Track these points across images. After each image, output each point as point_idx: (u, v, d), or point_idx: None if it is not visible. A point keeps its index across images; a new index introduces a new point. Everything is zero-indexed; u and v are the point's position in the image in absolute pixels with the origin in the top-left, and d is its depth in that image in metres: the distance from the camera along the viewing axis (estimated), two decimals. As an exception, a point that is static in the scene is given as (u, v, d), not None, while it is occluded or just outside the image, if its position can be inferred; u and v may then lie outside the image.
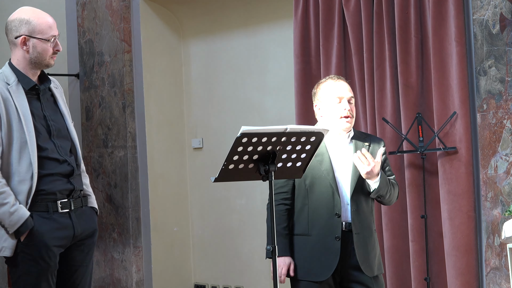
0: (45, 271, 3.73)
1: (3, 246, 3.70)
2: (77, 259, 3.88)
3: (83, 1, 7.60)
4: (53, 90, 3.92)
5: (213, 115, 7.44)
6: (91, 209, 3.96)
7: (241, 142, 3.44)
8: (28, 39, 3.78)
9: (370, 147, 4.17)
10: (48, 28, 3.77)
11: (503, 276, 5.18)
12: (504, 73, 5.18)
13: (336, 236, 4.02)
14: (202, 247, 7.56)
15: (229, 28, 7.36)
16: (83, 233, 3.86)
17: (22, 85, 3.76)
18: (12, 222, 3.63)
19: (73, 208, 3.81)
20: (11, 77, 3.76)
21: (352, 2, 5.88)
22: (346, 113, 4.10)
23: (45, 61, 3.80)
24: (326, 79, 4.23)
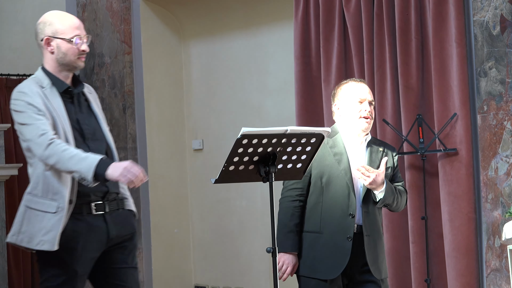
0: (72, 276, 3.69)
1: (41, 239, 3.64)
2: (119, 260, 3.82)
3: (84, 3, 7.61)
4: (86, 94, 3.90)
5: (213, 117, 7.44)
6: (129, 211, 3.90)
7: (241, 143, 3.44)
8: (51, 39, 3.77)
9: (384, 153, 4.18)
10: (71, 28, 3.75)
11: (503, 277, 5.18)
12: (505, 74, 5.18)
13: (348, 236, 4.02)
14: (202, 248, 7.56)
15: (229, 30, 7.36)
16: (119, 236, 3.80)
17: (56, 88, 3.75)
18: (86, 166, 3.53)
19: (108, 211, 3.76)
20: (45, 81, 3.76)
21: (353, 3, 5.88)
22: (366, 114, 4.12)
23: (72, 62, 3.77)
24: (348, 80, 4.25)
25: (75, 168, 3.55)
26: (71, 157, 3.55)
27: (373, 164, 4.11)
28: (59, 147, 3.58)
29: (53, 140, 3.59)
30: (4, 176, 7.25)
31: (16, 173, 7.33)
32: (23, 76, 7.84)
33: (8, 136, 7.57)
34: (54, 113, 3.68)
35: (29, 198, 3.70)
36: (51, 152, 3.57)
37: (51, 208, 3.65)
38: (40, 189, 3.67)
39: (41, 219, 3.65)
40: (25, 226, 3.68)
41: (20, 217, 3.70)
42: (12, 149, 7.66)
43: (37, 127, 3.61)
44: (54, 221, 3.64)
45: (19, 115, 3.69)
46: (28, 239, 3.67)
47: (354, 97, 4.14)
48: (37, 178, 3.68)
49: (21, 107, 3.68)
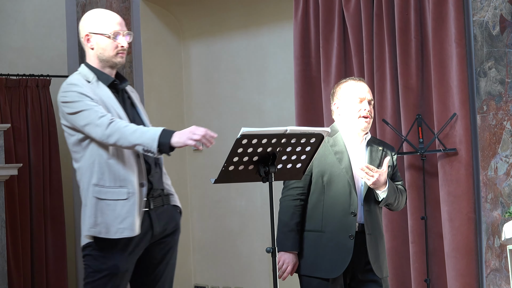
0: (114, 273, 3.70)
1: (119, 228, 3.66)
2: (157, 257, 3.84)
3: (83, 3, 7.61)
4: (129, 92, 3.93)
5: (213, 117, 7.44)
6: (174, 207, 3.92)
7: (241, 143, 3.44)
8: (91, 36, 3.79)
9: (384, 152, 4.19)
10: (109, 24, 3.77)
11: (503, 277, 5.18)
12: (504, 74, 5.18)
13: (350, 235, 4.02)
14: (202, 248, 7.56)
15: (229, 30, 7.36)
16: (163, 232, 3.82)
17: (101, 82, 3.78)
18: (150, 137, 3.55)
19: (153, 207, 3.78)
20: (90, 75, 3.78)
21: (352, 3, 5.88)
22: (366, 113, 4.12)
23: (111, 57, 3.78)
24: (347, 79, 4.26)
25: (139, 141, 3.57)
26: (133, 131, 3.58)
27: (373, 163, 4.12)
28: (120, 124, 3.60)
29: (113, 119, 3.63)
30: (4, 176, 7.25)
31: (16, 173, 7.33)
32: (23, 76, 7.84)
33: (8, 136, 7.57)
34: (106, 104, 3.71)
35: (98, 189, 3.69)
36: (112, 129, 3.60)
37: (121, 195, 3.68)
38: (107, 179, 3.69)
39: (114, 207, 3.67)
40: (99, 217, 3.68)
41: (93, 209, 3.69)
42: (12, 149, 7.66)
43: (95, 111, 3.63)
44: (128, 207, 3.67)
45: (73, 105, 3.69)
46: (106, 229, 3.67)
47: (353, 96, 4.15)
48: (101, 169, 3.69)
49: (74, 97, 3.69)
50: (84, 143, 3.72)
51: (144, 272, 3.84)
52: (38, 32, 8.35)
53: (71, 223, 8.16)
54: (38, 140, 7.87)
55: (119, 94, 3.84)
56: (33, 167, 7.83)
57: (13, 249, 7.59)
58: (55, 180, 7.94)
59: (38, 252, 7.83)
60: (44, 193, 7.88)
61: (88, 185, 3.71)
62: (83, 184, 3.74)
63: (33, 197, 7.83)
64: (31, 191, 7.83)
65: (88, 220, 3.69)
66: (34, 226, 7.83)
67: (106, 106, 3.71)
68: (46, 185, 7.88)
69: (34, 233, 7.83)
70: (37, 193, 7.83)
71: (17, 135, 7.79)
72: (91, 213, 3.69)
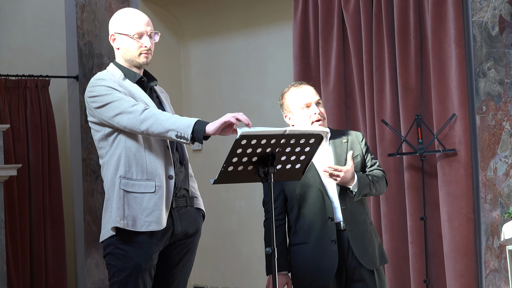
0: (137, 270, 3.69)
1: (146, 221, 3.66)
2: (174, 258, 3.84)
3: (82, 3, 7.61)
4: (158, 92, 3.94)
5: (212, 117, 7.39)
6: (197, 210, 3.93)
7: (240, 144, 3.44)
8: (116, 36, 3.82)
9: (348, 143, 4.17)
10: (133, 25, 3.77)
11: (502, 278, 5.18)
12: (504, 75, 5.18)
13: (332, 240, 4.02)
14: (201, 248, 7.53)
15: (228, 30, 7.36)
16: (183, 233, 3.82)
17: (128, 79, 3.79)
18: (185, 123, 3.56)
19: (175, 207, 3.78)
20: (117, 73, 3.80)
21: (352, 4, 5.88)
22: (317, 117, 4.09)
23: (135, 57, 3.79)
24: (289, 87, 4.20)
25: (173, 126, 3.56)
26: (168, 117, 3.59)
27: (341, 158, 4.11)
28: (155, 111, 3.62)
29: (147, 106, 3.65)
30: (3, 177, 7.25)
31: (15, 173, 7.33)
32: (22, 76, 7.84)
33: (7, 136, 7.57)
34: (135, 95, 3.72)
35: (125, 181, 3.69)
36: (147, 114, 3.60)
37: (149, 188, 3.69)
38: (134, 171, 3.69)
39: (141, 200, 3.67)
40: (127, 210, 3.68)
41: (120, 202, 3.69)
42: (11, 150, 7.66)
43: (126, 100, 3.65)
44: (155, 200, 3.67)
45: (101, 98, 3.70)
46: (132, 222, 3.67)
47: (299, 104, 4.12)
48: (129, 161, 3.69)
49: (102, 90, 3.70)
50: (110, 138, 3.73)
51: (160, 272, 3.84)
52: (38, 33, 8.35)
53: (70, 223, 8.15)
54: (37, 140, 7.87)
55: (146, 92, 3.84)
56: (32, 167, 7.83)
57: (12, 250, 7.59)
58: (54, 180, 7.94)
59: (38, 253, 7.83)
60: (43, 194, 7.88)
61: (114, 178, 3.71)
62: (109, 177, 3.73)
63: (32, 198, 7.83)
64: (30, 192, 7.84)
65: (116, 212, 3.68)
66: (34, 226, 7.83)
67: (135, 98, 3.72)
68: (45, 186, 7.88)
69: (33, 234, 7.83)
70: (36, 194, 7.83)
71: (16, 135, 7.79)
72: (119, 205, 3.68)
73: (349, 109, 5.99)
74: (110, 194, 3.73)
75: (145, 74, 3.90)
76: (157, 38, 3.84)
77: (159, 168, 3.70)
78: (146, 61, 3.82)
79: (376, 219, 5.76)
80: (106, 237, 3.73)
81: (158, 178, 3.69)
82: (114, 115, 3.66)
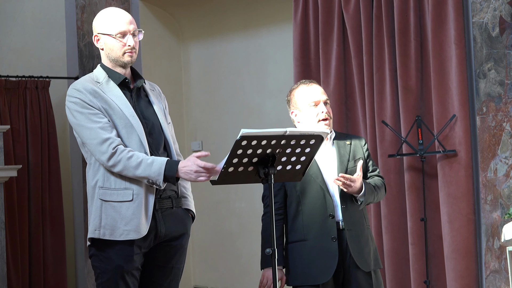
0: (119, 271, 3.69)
1: (124, 230, 3.66)
2: (161, 260, 3.82)
3: (83, 4, 7.61)
4: (147, 90, 3.91)
5: (212, 118, 7.44)
6: (185, 211, 3.92)
7: (240, 145, 3.44)
8: (99, 36, 3.80)
9: (351, 145, 4.18)
10: (116, 24, 3.75)
11: (502, 279, 5.18)
12: (504, 75, 5.18)
13: (333, 237, 4.03)
14: (201, 250, 7.56)
15: (228, 31, 7.36)
16: (168, 235, 3.80)
17: (112, 81, 3.78)
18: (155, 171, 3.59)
19: (158, 208, 3.76)
20: (101, 75, 3.79)
21: (352, 5, 5.88)
22: (324, 115, 4.11)
23: (119, 57, 3.77)
24: (298, 84, 4.23)
25: (144, 174, 3.60)
26: (137, 164, 3.61)
27: (344, 159, 4.12)
28: (123, 155, 3.63)
29: (116, 149, 3.64)
30: (3, 178, 7.25)
31: (15, 174, 7.33)
32: (22, 77, 7.84)
33: (7, 137, 7.57)
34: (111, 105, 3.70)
35: (102, 191, 3.69)
36: (115, 161, 3.63)
37: (126, 196, 3.68)
38: (113, 181, 3.69)
39: (119, 209, 3.67)
40: (104, 219, 3.68)
41: (98, 211, 3.69)
42: (11, 151, 7.66)
43: (96, 132, 3.65)
44: (133, 208, 3.66)
45: (75, 114, 3.71)
46: (110, 231, 3.67)
47: (307, 102, 4.13)
48: (107, 173, 3.69)
49: (77, 105, 3.70)
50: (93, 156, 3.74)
51: (148, 274, 3.82)
52: (38, 34, 8.35)
53: (70, 224, 8.15)
54: (37, 141, 7.87)
55: (132, 92, 3.82)
56: (32, 168, 7.82)
57: (12, 251, 7.58)
58: (54, 181, 7.93)
59: (37, 254, 7.83)
60: (43, 195, 7.87)
61: (94, 187, 3.72)
62: (89, 185, 3.76)
63: (32, 199, 7.82)
64: (30, 193, 7.83)
65: (93, 222, 3.69)
66: (33, 227, 7.82)
67: (112, 109, 3.70)
68: (45, 187, 7.88)
69: (33, 235, 7.83)
70: (36, 195, 7.82)
71: (16, 136, 7.79)
72: (96, 215, 3.69)
73: (349, 110, 5.99)
74: (89, 202, 3.76)
75: (132, 73, 3.88)
76: (141, 36, 3.82)
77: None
78: (131, 60, 3.80)
79: (377, 220, 5.75)
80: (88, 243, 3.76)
81: (135, 186, 3.68)
82: (84, 142, 3.70)
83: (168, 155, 3.84)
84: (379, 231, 5.73)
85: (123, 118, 3.71)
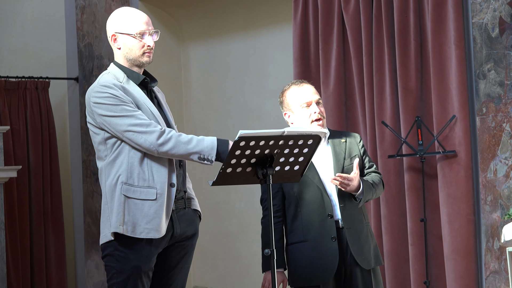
0: (137, 272, 3.69)
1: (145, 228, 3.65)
2: (173, 260, 3.83)
3: (82, 5, 7.61)
4: (156, 92, 3.92)
5: (212, 119, 7.44)
6: (194, 211, 3.91)
7: (239, 145, 3.44)
8: (117, 35, 3.78)
9: (347, 143, 4.17)
10: (135, 23, 3.74)
11: (502, 279, 5.17)
12: (504, 76, 5.18)
13: (332, 237, 4.02)
14: (201, 250, 7.56)
15: (228, 32, 7.36)
16: (182, 235, 3.80)
17: (132, 81, 3.77)
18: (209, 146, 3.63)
19: (175, 209, 3.77)
20: (120, 74, 3.77)
21: (352, 5, 5.88)
22: (317, 116, 4.10)
23: (138, 57, 3.77)
24: (290, 85, 4.21)
25: (196, 149, 3.63)
26: (189, 140, 3.65)
27: (340, 157, 4.11)
28: (173, 133, 3.65)
29: (164, 129, 3.65)
30: (3, 179, 7.25)
31: (15, 175, 7.33)
32: (22, 78, 7.84)
33: (7, 138, 7.57)
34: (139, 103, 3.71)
35: (126, 187, 3.67)
36: (165, 138, 3.63)
37: (150, 195, 3.68)
38: (136, 178, 3.68)
39: (141, 207, 3.66)
40: (127, 215, 3.67)
41: (121, 207, 3.67)
42: (11, 152, 7.66)
43: (139, 117, 3.65)
44: (156, 207, 3.66)
45: (110, 107, 3.68)
46: (132, 228, 3.66)
47: (299, 103, 4.12)
48: (131, 167, 3.68)
49: (111, 100, 3.68)
50: (110, 142, 3.71)
51: (158, 274, 3.83)
52: (37, 34, 8.35)
53: (69, 225, 8.15)
54: (37, 142, 7.87)
55: (148, 93, 3.83)
56: (32, 169, 7.83)
57: (12, 252, 7.58)
58: (54, 182, 7.94)
59: (38, 255, 7.83)
60: (44, 195, 7.87)
61: (115, 183, 3.69)
62: (109, 181, 3.71)
63: (32, 199, 7.83)
64: (30, 194, 7.84)
65: (116, 217, 3.66)
66: (34, 228, 7.83)
67: (140, 106, 3.71)
68: (45, 187, 7.88)
69: (33, 236, 7.83)
70: (36, 195, 7.83)
71: (16, 137, 7.79)
72: (119, 210, 3.67)
73: (349, 111, 5.99)
74: (108, 198, 3.71)
75: (144, 74, 3.88)
76: (157, 37, 3.82)
77: (162, 175, 3.69)
78: (149, 60, 3.80)
79: (376, 221, 5.75)
80: (105, 241, 3.72)
81: (160, 186, 3.68)
82: (125, 131, 3.65)
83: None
84: (379, 231, 5.73)
85: (151, 116, 3.71)
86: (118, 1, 7.32)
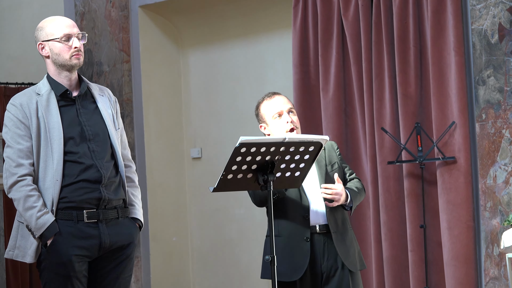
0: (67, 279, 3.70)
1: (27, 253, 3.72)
2: (106, 269, 3.81)
3: (82, 11, 7.61)
4: (95, 96, 3.90)
5: (212, 125, 7.44)
6: (131, 220, 3.88)
7: (239, 152, 3.44)
8: (44, 44, 3.80)
9: (325, 150, 4.20)
10: (59, 28, 3.77)
11: (502, 285, 5.17)
12: (503, 82, 5.19)
13: (306, 237, 4.04)
14: (201, 256, 7.55)
15: (228, 38, 7.37)
16: (113, 245, 3.78)
17: (54, 92, 3.78)
18: (38, 226, 3.63)
19: (102, 219, 3.75)
20: (44, 88, 3.79)
21: (351, 12, 5.89)
22: (290, 125, 4.13)
23: (67, 61, 3.77)
24: (263, 98, 4.28)
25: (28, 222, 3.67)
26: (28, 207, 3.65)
27: (321, 164, 4.14)
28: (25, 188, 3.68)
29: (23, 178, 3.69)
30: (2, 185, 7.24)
31: (14, 181, 7.31)
32: (22, 84, 7.85)
33: (6, 144, 7.57)
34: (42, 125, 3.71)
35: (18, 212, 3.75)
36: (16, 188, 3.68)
37: None
38: None
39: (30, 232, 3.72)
40: (19, 240, 3.74)
41: (15, 232, 3.78)
42: (11, 158, 7.65)
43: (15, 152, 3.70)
44: None
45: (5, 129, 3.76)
46: (22, 253, 3.74)
47: (271, 114, 4.17)
48: None
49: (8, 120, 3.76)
50: None
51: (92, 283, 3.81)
52: (37, 41, 8.35)
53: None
54: (36, 148, 7.86)
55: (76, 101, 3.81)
56: (31, 175, 7.81)
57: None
58: (53, 188, 7.92)
59: (37, 261, 7.81)
60: (43, 202, 7.86)
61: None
62: None
63: (31, 206, 7.81)
64: (29, 200, 7.82)
65: (10, 242, 3.77)
66: (33, 234, 7.81)
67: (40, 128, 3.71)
68: (44, 194, 7.87)
69: (32, 242, 7.81)
70: (36, 202, 7.81)
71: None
72: (13, 235, 3.77)
73: (349, 117, 5.99)
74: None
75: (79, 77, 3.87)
76: (85, 40, 3.83)
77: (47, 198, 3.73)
78: (78, 62, 3.80)
79: (376, 227, 5.75)
80: None
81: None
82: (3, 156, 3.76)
83: (115, 162, 3.82)
84: (378, 238, 5.73)
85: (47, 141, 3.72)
86: (117, 8, 7.33)
